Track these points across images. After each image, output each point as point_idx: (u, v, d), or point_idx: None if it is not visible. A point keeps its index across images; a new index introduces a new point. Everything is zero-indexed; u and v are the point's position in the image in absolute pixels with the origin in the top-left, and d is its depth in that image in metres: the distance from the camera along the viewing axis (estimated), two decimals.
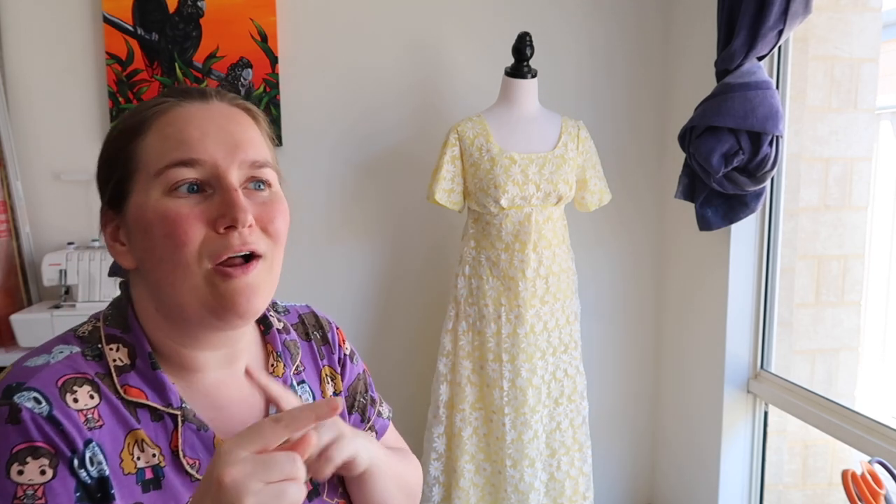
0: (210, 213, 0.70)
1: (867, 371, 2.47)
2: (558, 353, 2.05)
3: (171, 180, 0.70)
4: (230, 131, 0.73)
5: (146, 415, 0.72)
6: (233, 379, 0.79)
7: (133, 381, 0.72)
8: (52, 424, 0.65)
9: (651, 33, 2.41)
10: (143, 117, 0.74)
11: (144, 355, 0.73)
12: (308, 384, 0.87)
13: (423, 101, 2.33)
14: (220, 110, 0.75)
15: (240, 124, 0.75)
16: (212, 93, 0.77)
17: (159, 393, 0.72)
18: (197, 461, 0.72)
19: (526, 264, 1.96)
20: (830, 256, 2.15)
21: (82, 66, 2.17)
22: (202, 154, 0.71)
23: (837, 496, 2.22)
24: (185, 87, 0.77)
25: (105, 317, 0.76)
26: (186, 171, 0.70)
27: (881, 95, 2.16)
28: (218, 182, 0.71)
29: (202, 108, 0.74)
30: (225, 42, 2.19)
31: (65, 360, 0.70)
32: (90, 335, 0.74)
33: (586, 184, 2.08)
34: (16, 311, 2.00)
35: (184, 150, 0.71)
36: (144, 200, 0.71)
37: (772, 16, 1.66)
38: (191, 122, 0.73)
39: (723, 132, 1.77)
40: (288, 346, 0.87)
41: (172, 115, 0.73)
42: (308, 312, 0.94)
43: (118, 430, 0.69)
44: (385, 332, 2.39)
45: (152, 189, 0.71)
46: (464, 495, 2.02)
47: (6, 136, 2.11)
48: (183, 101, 0.74)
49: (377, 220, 2.36)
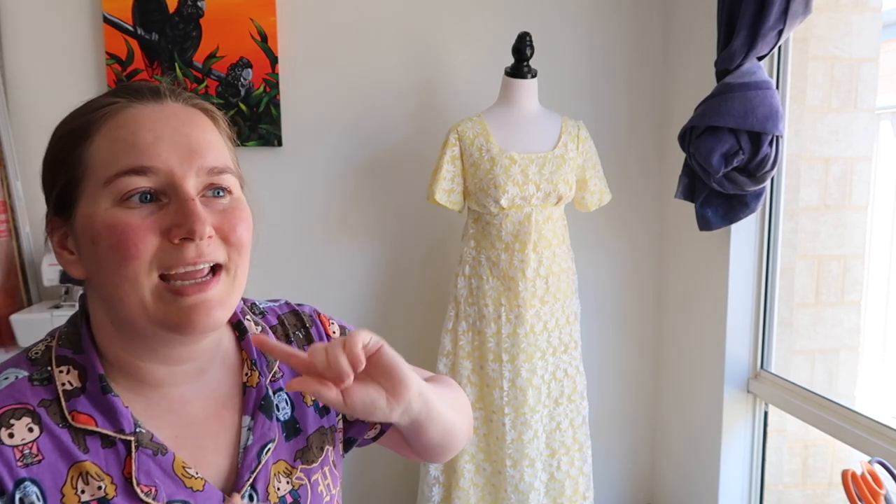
0: (164, 223, 0.65)
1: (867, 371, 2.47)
2: (558, 353, 2.05)
3: (121, 189, 0.65)
4: (186, 134, 0.68)
5: (96, 442, 0.67)
6: (200, 392, 0.75)
7: (82, 406, 0.67)
8: None
9: (651, 33, 2.41)
10: (90, 119, 0.68)
11: (95, 378, 0.68)
12: (285, 392, 0.81)
13: (422, 101, 2.33)
14: (175, 111, 0.69)
15: (197, 126, 0.70)
16: (166, 91, 0.71)
17: (110, 418, 0.67)
18: (153, 488, 0.68)
19: (526, 264, 1.96)
20: (830, 256, 2.15)
21: (82, 66, 2.17)
22: (155, 161, 0.65)
23: (837, 496, 2.22)
24: (137, 85, 0.71)
25: (59, 335, 0.72)
26: (138, 180, 0.65)
27: (881, 95, 2.16)
28: (173, 191, 0.66)
29: (155, 110, 0.68)
30: (225, 42, 2.19)
31: (7, 389, 0.66)
32: (42, 356, 0.70)
33: (586, 184, 2.08)
34: (16, 311, 2.00)
35: (135, 157, 0.65)
36: (93, 210, 0.66)
37: (772, 16, 1.66)
38: (143, 124, 0.67)
39: (723, 132, 1.77)
40: (264, 353, 0.80)
41: (123, 116, 0.67)
42: (288, 312, 0.88)
43: (60, 464, 0.65)
44: (385, 332, 2.37)
45: (101, 198, 0.66)
46: (464, 495, 2.02)
47: (6, 136, 2.11)
48: (134, 101, 0.69)
49: (377, 220, 2.36)
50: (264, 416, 0.77)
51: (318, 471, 0.81)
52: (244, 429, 0.76)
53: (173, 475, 0.69)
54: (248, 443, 0.75)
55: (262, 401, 0.78)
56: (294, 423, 0.80)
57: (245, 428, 0.76)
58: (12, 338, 1.95)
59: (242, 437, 0.76)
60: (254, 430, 0.76)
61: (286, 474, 0.78)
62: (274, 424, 0.78)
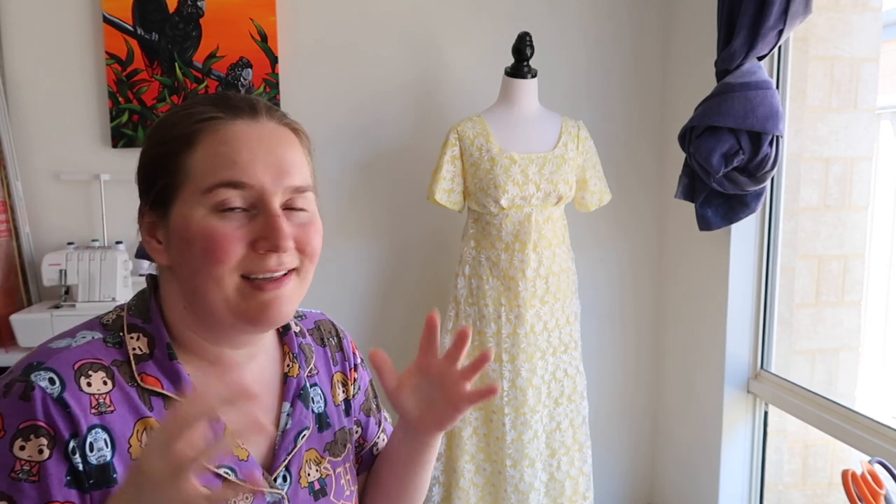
0: (251, 235, 0.73)
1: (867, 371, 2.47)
2: (558, 353, 2.04)
3: (217, 199, 0.72)
4: (278, 155, 0.75)
5: (160, 403, 0.74)
6: (250, 375, 0.82)
7: (150, 369, 0.75)
8: (60, 406, 0.68)
9: (651, 33, 2.41)
10: (193, 130, 0.74)
11: (163, 346, 0.76)
12: (320, 387, 0.90)
13: (422, 101, 2.33)
14: (270, 130, 0.76)
15: (287, 147, 0.77)
16: (261, 108, 0.77)
17: (174, 382, 0.75)
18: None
19: (526, 264, 1.96)
20: (830, 256, 2.15)
21: (82, 66, 2.17)
22: (251, 178, 0.73)
23: (837, 496, 2.22)
24: (234, 100, 0.77)
25: (129, 307, 0.79)
26: (233, 193, 0.72)
27: (881, 95, 2.16)
28: (262, 206, 0.73)
29: (253, 127, 0.75)
30: (225, 42, 2.19)
31: (85, 345, 0.73)
32: (113, 323, 0.77)
33: (586, 184, 2.08)
34: (16, 311, 2.00)
35: (234, 172, 0.73)
36: (189, 214, 0.73)
37: (772, 15, 1.66)
38: (242, 143, 0.74)
39: (723, 132, 1.77)
40: (303, 348, 0.89)
41: (225, 132, 0.74)
42: (324, 319, 0.98)
43: (129, 417, 0.72)
44: (385, 331, 2.39)
45: (198, 205, 0.73)
46: (464, 495, 2.02)
47: (6, 136, 2.11)
48: (234, 117, 0.75)
49: (377, 220, 2.36)
50: (302, 404, 0.85)
51: (342, 465, 0.89)
52: (283, 414, 0.83)
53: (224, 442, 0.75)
54: (287, 427, 0.82)
55: (300, 391, 0.85)
56: (325, 418, 0.89)
57: (284, 413, 0.83)
58: (12, 338, 1.95)
59: (282, 422, 0.83)
60: (292, 416, 0.83)
61: (316, 462, 0.85)
62: (310, 414, 0.86)
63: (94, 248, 2.07)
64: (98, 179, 2.16)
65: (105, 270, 2.00)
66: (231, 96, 0.79)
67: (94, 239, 2.16)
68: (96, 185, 2.18)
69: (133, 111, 2.18)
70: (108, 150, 2.19)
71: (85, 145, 2.19)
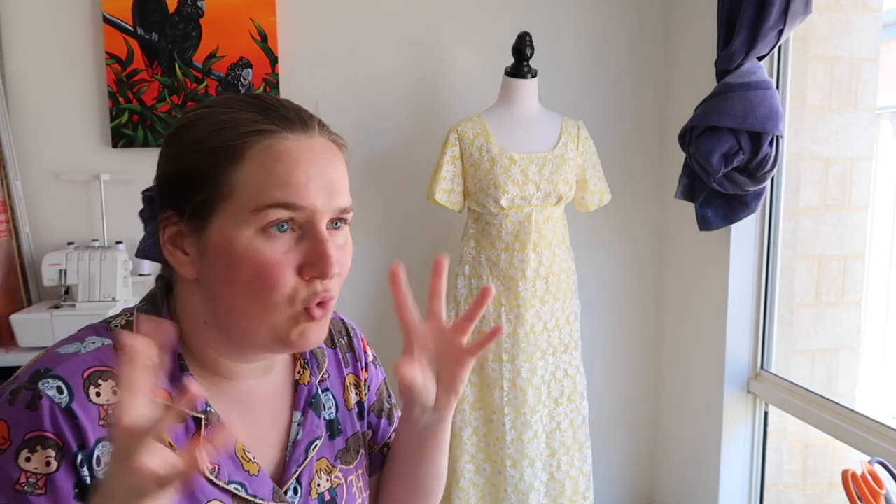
0: (299, 260, 0.70)
1: (867, 371, 2.47)
2: (558, 353, 2.04)
3: (267, 220, 0.68)
4: (330, 178, 0.72)
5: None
6: (263, 387, 0.80)
7: (160, 381, 0.70)
8: (68, 417, 0.65)
9: (651, 33, 2.41)
10: (242, 143, 0.69)
11: (174, 356, 0.73)
12: (332, 392, 0.87)
13: (423, 101, 2.33)
14: (322, 148, 0.73)
15: (336, 168, 0.74)
16: (314, 122, 0.74)
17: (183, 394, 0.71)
18: (217, 466, 0.72)
19: (526, 264, 1.96)
20: (830, 256, 2.15)
21: (82, 66, 2.17)
22: (305, 200, 0.69)
23: (837, 496, 2.22)
24: (282, 110, 0.72)
25: (139, 311, 0.76)
26: (285, 214, 0.69)
27: (881, 95, 2.16)
28: (310, 227, 0.71)
29: (307, 144, 0.71)
30: (225, 42, 2.19)
31: (95, 352, 0.70)
32: (123, 328, 0.74)
33: (586, 184, 2.08)
34: (15, 311, 2.00)
35: (288, 193, 0.69)
36: (234, 233, 0.68)
37: (772, 15, 1.66)
38: (298, 163, 0.70)
39: (723, 132, 1.77)
40: (315, 353, 0.86)
41: (278, 149, 0.69)
42: (334, 319, 0.93)
43: None
44: (385, 331, 2.38)
45: (246, 224, 0.68)
46: (464, 495, 2.02)
47: (6, 136, 2.11)
48: (287, 131, 0.70)
49: (377, 219, 2.36)
50: (313, 413, 0.82)
51: (354, 473, 0.86)
52: (294, 424, 0.80)
53: (234, 457, 0.74)
54: (298, 437, 0.80)
55: (311, 398, 0.82)
56: (337, 424, 0.86)
57: (295, 423, 0.80)
58: (12, 338, 1.94)
59: (292, 432, 0.80)
60: (303, 426, 0.81)
61: (327, 472, 0.82)
62: (321, 422, 0.83)
63: (94, 248, 2.07)
64: (98, 179, 2.16)
65: (105, 270, 2.00)
66: (277, 104, 0.73)
67: (94, 239, 2.16)
68: (96, 185, 2.18)
69: (133, 111, 2.18)
70: (108, 150, 2.19)
71: (85, 145, 2.19)
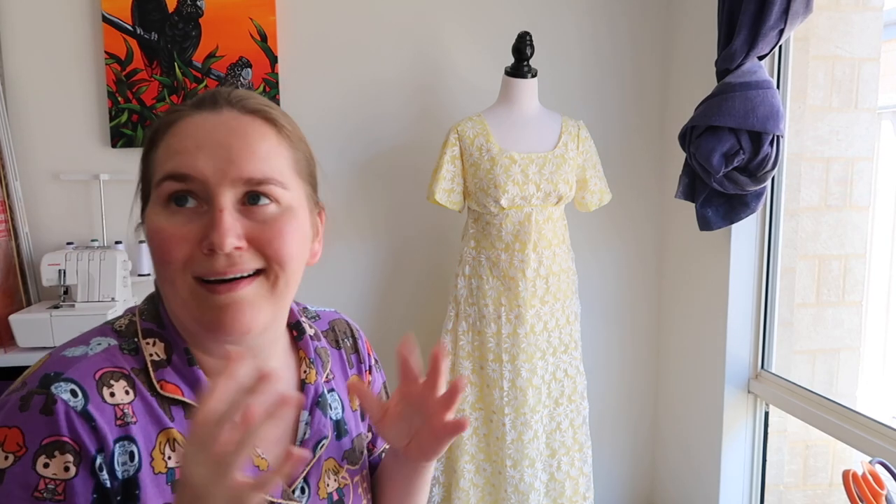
0: (196, 233, 0.67)
1: (868, 371, 2.47)
2: (558, 353, 2.04)
3: (164, 192, 0.68)
4: (229, 145, 0.68)
5: (180, 412, 0.70)
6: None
7: (169, 376, 0.71)
8: (85, 420, 0.64)
9: (651, 33, 2.41)
10: (158, 126, 0.72)
11: (181, 351, 0.72)
12: (337, 392, 0.86)
13: (422, 101, 2.32)
14: (228, 120, 0.70)
15: (245, 136, 0.69)
16: (223, 99, 0.71)
17: (195, 389, 0.71)
18: None
19: (526, 264, 1.96)
20: (831, 256, 2.15)
21: (81, 66, 2.17)
22: (191, 169, 0.67)
23: (838, 496, 2.22)
24: (204, 94, 0.73)
25: (140, 311, 0.75)
26: (177, 185, 0.67)
27: (882, 95, 2.16)
28: (208, 199, 0.67)
29: (209, 118, 0.70)
30: (224, 41, 2.19)
31: (103, 353, 0.69)
32: (127, 329, 0.73)
33: (586, 184, 2.08)
34: (15, 311, 1.99)
35: (175, 163, 0.68)
36: (149, 214, 0.70)
37: (772, 15, 1.65)
38: (191, 133, 0.69)
39: (723, 132, 1.76)
40: (319, 353, 0.85)
41: (180, 125, 0.70)
42: (338, 319, 0.93)
43: (150, 428, 0.68)
44: (385, 331, 2.39)
45: (154, 202, 0.70)
46: (464, 495, 2.02)
47: (5, 136, 2.10)
48: (195, 110, 0.71)
49: (377, 219, 2.36)
50: (321, 412, 0.81)
51: (359, 473, 0.86)
52: (302, 423, 0.79)
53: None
54: (306, 436, 0.79)
55: (318, 398, 0.81)
56: (343, 425, 0.85)
57: (303, 422, 0.79)
58: (11, 338, 1.94)
59: (300, 431, 0.79)
60: (311, 425, 0.80)
61: (334, 472, 0.82)
62: (328, 422, 0.82)
63: (94, 248, 2.07)
64: (97, 179, 2.16)
65: (104, 270, 2.00)
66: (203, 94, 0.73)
67: (93, 239, 2.16)
68: (96, 185, 2.18)
69: (132, 111, 2.18)
70: (107, 149, 2.19)
71: (84, 145, 2.19)
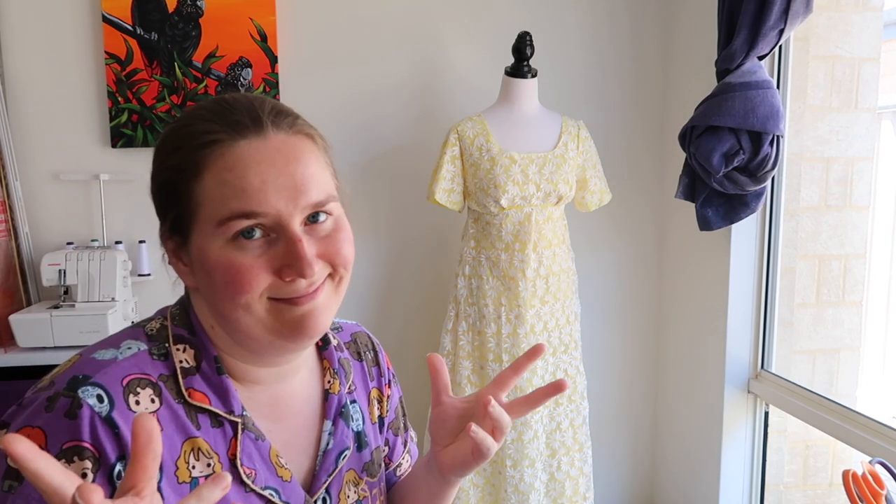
0: (275, 263, 0.68)
1: (868, 371, 2.47)
2: (558, 353, 2.04)
3: (232, 231, 0.67)
4: (291, 174, 0.68)
5: (206, 420, 0.70)
6: (289, 392, 0.78)
7: (198, 384, 0.71)
8: (108, 427, 0.64)
9: (651, 33, 2.41)
10: (198, 156, 0.68)
11: (210, 359, 0.72)
12: (358, 404, 0.86)
13: (423, 101, 2.32)
14: (278, 145, 0.69)
15: (300, 161, 0.69)
16: (266, 119, 0.70)
17: (222, 399, 0.71)
18: (253, 471, 0.71)
19: (526, 264, 1.96)
20: (831, 256, 2.15)
21: (81, 66, 2.17)
22: (264, 206, 0.66)
23: (838, 496, 2.22)
24: (236, 113, 0.69)
25: (172, 316, 0.75)
26: (248, 223, 0.67)
27: (882, 95, 2.16)
28: (282, 230, 0.68)
29: (259, 146, 0.68)
30: (224, 41, 2.19)
31: (132, 358, 0.69)
32: (158, 333, 0.73)
33: (586, 184, 2.08)
34: (15, 311, 2.00)
35: (244, 202, 0.66)
36: (207, 246, 0.68)
37: (772, 15, 1.65)
38: (250, 167, 0.67)
39: (723, 132, 1.76)
40: (342, 363, 0.85)
41: (230, 157, 0.67)
42: (360, 332, 0.94)
43: (176, 437, 0.68)
44: (385, 332, 2.38)
45: (213, 236, 0.68)
46: (464, 495, 2.02)
47: (5, 136, 2.11)
48: (238, 136, 0.68)
49: (377, 219, 2.36)
50: (343, 423, 0.82)
51: (377, 486, 0.86)
52: (325, 433, 0.80)
53: (269, 462, 0.73)
54: (329, 447, 0.79)
55: (341, 408, 0.82)
56: (364, 437, 0.85)
57: (326, 433, 0.80)
58: (11, 338, 1.94)
59: (323, 441, 0.80)
60: (334, 436, 0.80)
61: (355, 484, 0.82)
62: (350, 433, 0.83)
63: (94, 248, 2.07)
64: (97, 179, 2.16)
65: (104, 270, 2.00)
66: (232, 106, 0.70)
67: (93, 239, 2.16)
68: (96, 185, 2.18)
69: (133, 111, 2.18)
70: (107, 149, 2.19)
71: (84, 145, 2.19)
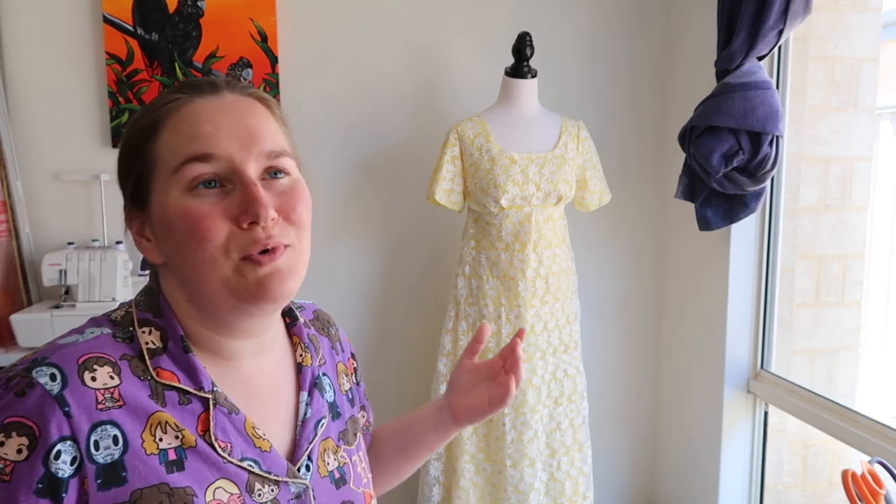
0: (232, 210, 0.70)
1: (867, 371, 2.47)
2: (558, 353, 2.04)
3: (188, 176, 0.70)
4: (244, 124, 0.73)
5: (174, 398, 0.72)
6: (263, 369, 0.81)
7: (165, 363, 0.72)
8: (57, 405, 0.64)
9: (651, 33, 2.41)
10: (156, 115, 0.73)
11: (177, 338, 0.74)
12: (329, 377, 0.90)
13: (423, 101, 2.33)
14: (233, 102, 0.75)
15: (254, 115, 0.75)
16: (222, 83, 0.76)
17: (191, 376, 0.73)
18: (229, 444, 0.73)
19: (526, 264, 1.96)
20: (831, 256, 2.15)
21: (82, 66, 2.17)
22: (216, 148, 0.71)
23: (838, 496, 2.22)
24: (196, 81, 0.76)
25: (137, 302, 0.77)
26: (202, 167, 0.70)
27: (881, 95, 2.16)
28: (236, 177, 0.71)
29: (214, 102, 0.74)
30: (225, 42, 2.19)
31: (92, 340, 0.71)
32: (122, 319, 0.75)
33: (586, 184, 2.08)
34: (16, 311, 2.00)
35: (197, 145, 0.70)
36: (165, 199, 0.71)
37: (772, 15, 1.66)
38: (203, 116, 0.72)
39: (723, 132, 1.77)
40: (312, 339, 0.89)
41: (185, 111, 0.73)
42: (319, 310, 0.97)
43: (140, 412, 0.69)
44: (385, 332, 2.39)
45: (172, 187, 0.71)
46: (464, 495, 2.02)
47: (6, 136, 2.11)
48: (195, 95, 0.74)
49: (377, 219, 2.36)
50: (318, 393, 0.85)
51: (356, 453, 0.89)
52: (302, 403, 0.82)
53: (245, 434, 0.75)
54: (307, 416, 0.82)
55: (315, 380, 0.85)
56: (336, 407, 0.89)
57: (303, 403, 0.82)
58: (12, 338, 1.95)
59: (301, 411, 0.82)
60: (311, 405, 0.83)
61: (333, 451, 0.85)
62: (325, 403, 0.86)
63: (94, 248, 2.07)
64: (98, 179, 2.16)
65: (105, 270, 2.00)
66: (192, 80, 0.77)
67: (94, 239, 2.16)
68: (96, 185, 2.18)
69: (133, 111, 2.18)
70: (108, 150, 2.19)
71: (85, 145, 2.19)
